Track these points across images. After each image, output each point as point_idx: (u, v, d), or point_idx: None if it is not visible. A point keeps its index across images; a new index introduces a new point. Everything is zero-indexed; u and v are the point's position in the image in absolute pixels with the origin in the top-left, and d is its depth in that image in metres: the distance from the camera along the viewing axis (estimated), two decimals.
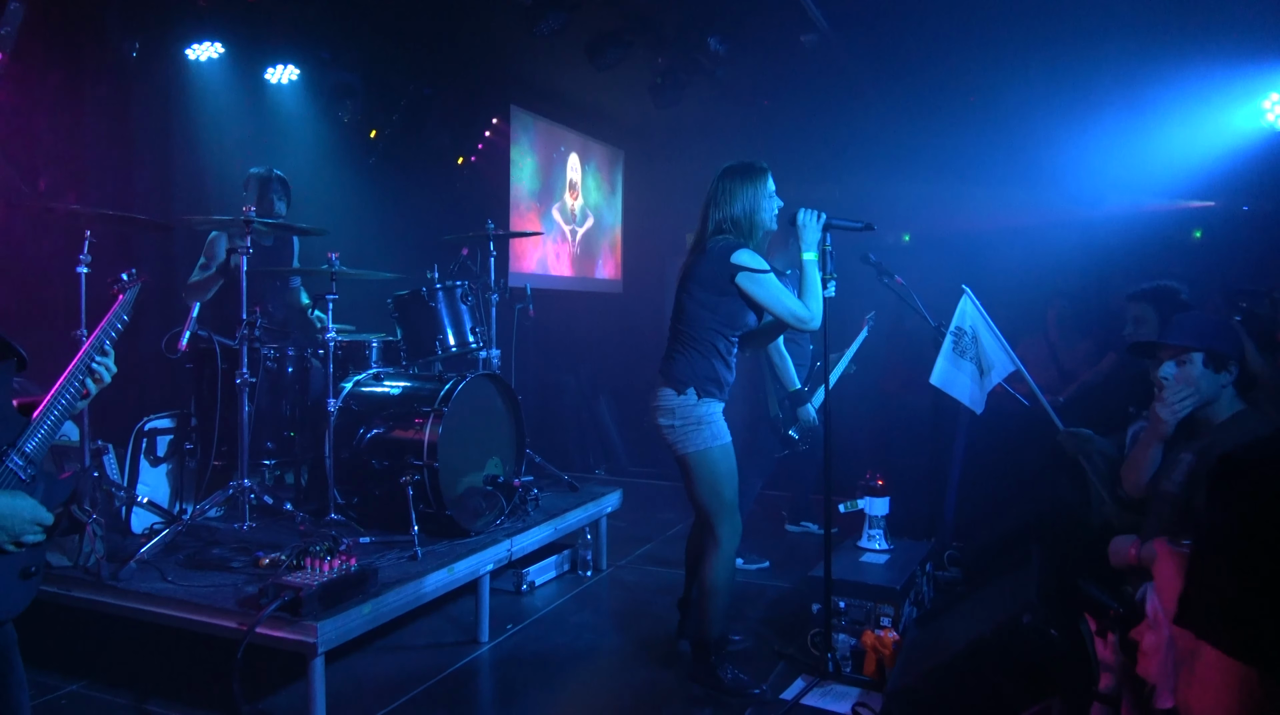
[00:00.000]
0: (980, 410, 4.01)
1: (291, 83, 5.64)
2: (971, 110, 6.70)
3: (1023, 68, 6.04)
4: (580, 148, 7.89)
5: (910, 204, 7.55)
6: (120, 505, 3.77)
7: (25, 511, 1.80)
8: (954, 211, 7.37)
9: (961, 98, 6.64)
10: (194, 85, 5.12)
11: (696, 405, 3.21)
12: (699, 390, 3.22)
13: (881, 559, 3.91)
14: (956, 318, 4.10)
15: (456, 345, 4.29)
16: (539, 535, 4.22)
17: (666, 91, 6.16)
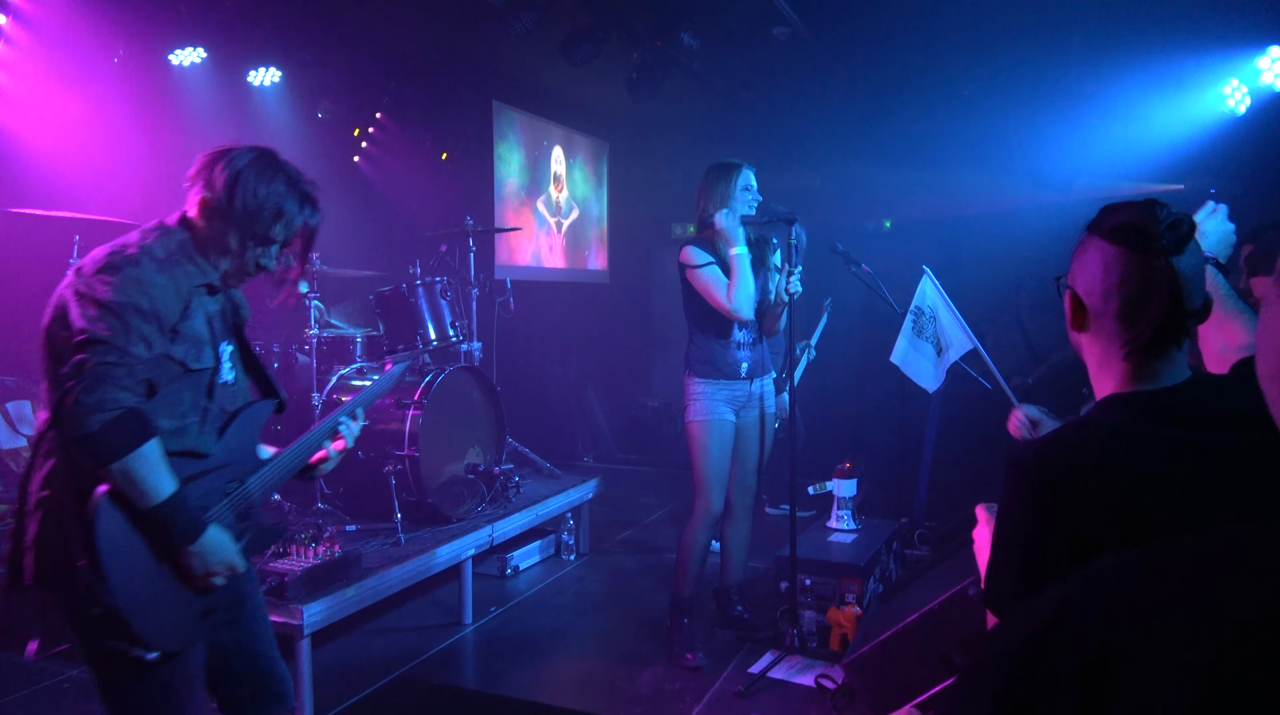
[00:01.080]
0: (934, 388, 4.16)
1: (274, 84, 5.76)
2: (944, 98, 6.82)
3: (991, 55, 6.17)
4: (564, 141, 8.02)
5: (889, 190, 7.69)
6: None
7: (221, 552, 1.82)
8: (931, 197, 7.51)
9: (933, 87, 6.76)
10: (178, 90, 5.24)
11: (691, 383, 3.58)
12: (692, 370, 3.57)
13: (849, 539, 4.06)
14: (916, 298, 4.23)
15: (437, 339, 4.44)
16: (519, 521, 4.38)
17: (643, 86, 6.27)
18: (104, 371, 1.63)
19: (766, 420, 3.72)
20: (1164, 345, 1.32)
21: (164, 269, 1.77)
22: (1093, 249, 1.36)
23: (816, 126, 7.58)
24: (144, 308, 1.70)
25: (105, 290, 1.68)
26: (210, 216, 1.88)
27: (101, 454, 1.63)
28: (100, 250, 1.77)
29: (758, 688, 3.30)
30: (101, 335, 1.64)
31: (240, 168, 1.87)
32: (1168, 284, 1.28)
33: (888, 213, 8.03)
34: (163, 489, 1.71)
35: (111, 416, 1.62)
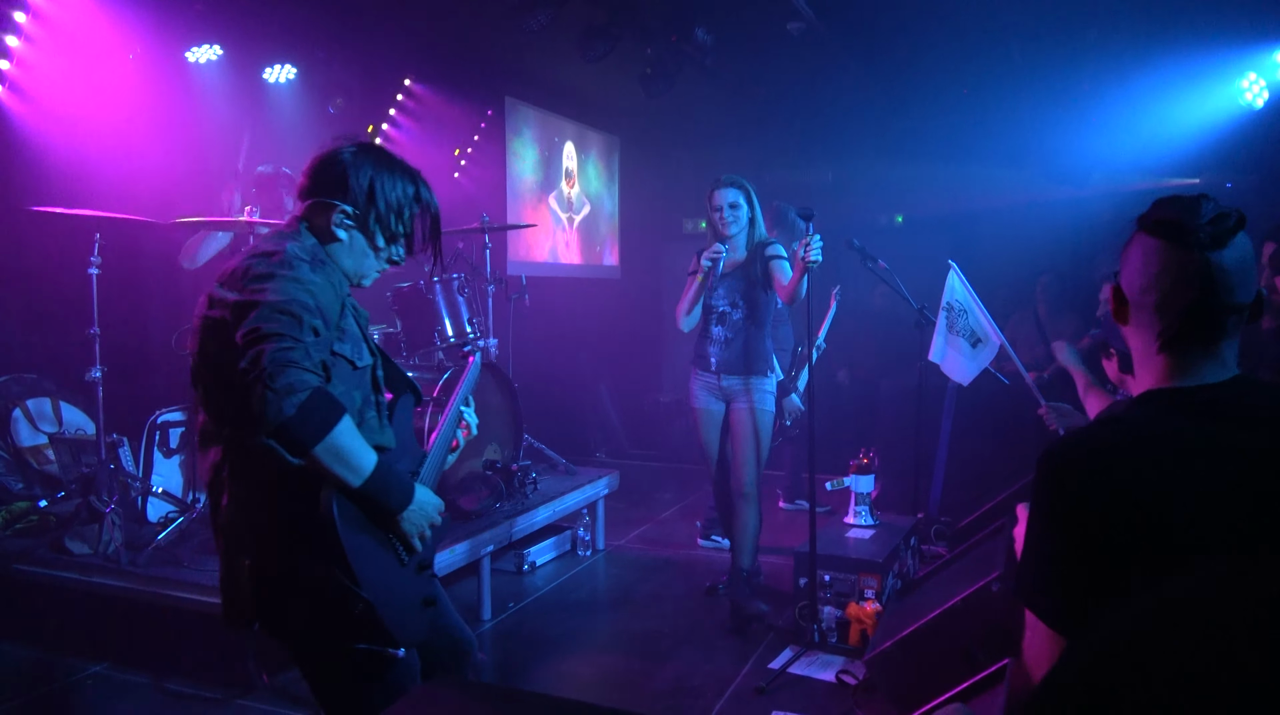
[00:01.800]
0: (969, 381, 4.14)
1: (290, 81, 5.76)
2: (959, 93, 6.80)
3: (1005, 50, 6.14)
4: (576, 136, 8.01)
5: (901, 186, 7.67)
6: (136, 495, 3.94)
7: (430, 505, 1.90)
8: (945, 193, 7.49)
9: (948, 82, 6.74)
10: (194, 87, 5.25)
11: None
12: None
13: (866, 534, 4.06)
14: (946, 293, 4.22)
15: (455, 336, 4.45)
16: (537, 517, 4.39)
17: (656, 81, 6.26)
18: (283, 357, 1.63)
19: (747, 416, 3.87)
20: (1199, 340, 1.32)
21: (317, 270, 1.80)
22: (1136, 242, 1.36)
23: (829, 122, 7.56)
24: (309, 303, 1.72)
25: (267, 293, 1.70)
26: (350, 226, 1.90)
27: (306, 436, 1.63)
28: (236, 265, 1.79)
29: (778, 684, 3.30)
30: (272, 328, 1.66)
31: (371, 174, 1.89)
32: (1200, 277, 1.28)
33: (901, 208, 8.01)
34: (369, 459, 1.74)
35: (303, 397, 1.62)
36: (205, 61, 5.24)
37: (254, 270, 1.75)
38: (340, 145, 1.93)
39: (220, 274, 1.82)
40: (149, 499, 3.96)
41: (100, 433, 3.71)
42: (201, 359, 1.81)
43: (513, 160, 7.06)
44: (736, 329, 3.88)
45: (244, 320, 1.68)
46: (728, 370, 3.90)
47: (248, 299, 1.71)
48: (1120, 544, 1.18)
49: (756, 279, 3.85)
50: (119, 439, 3.92)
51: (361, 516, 1.78)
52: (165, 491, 3.98)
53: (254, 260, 1.78)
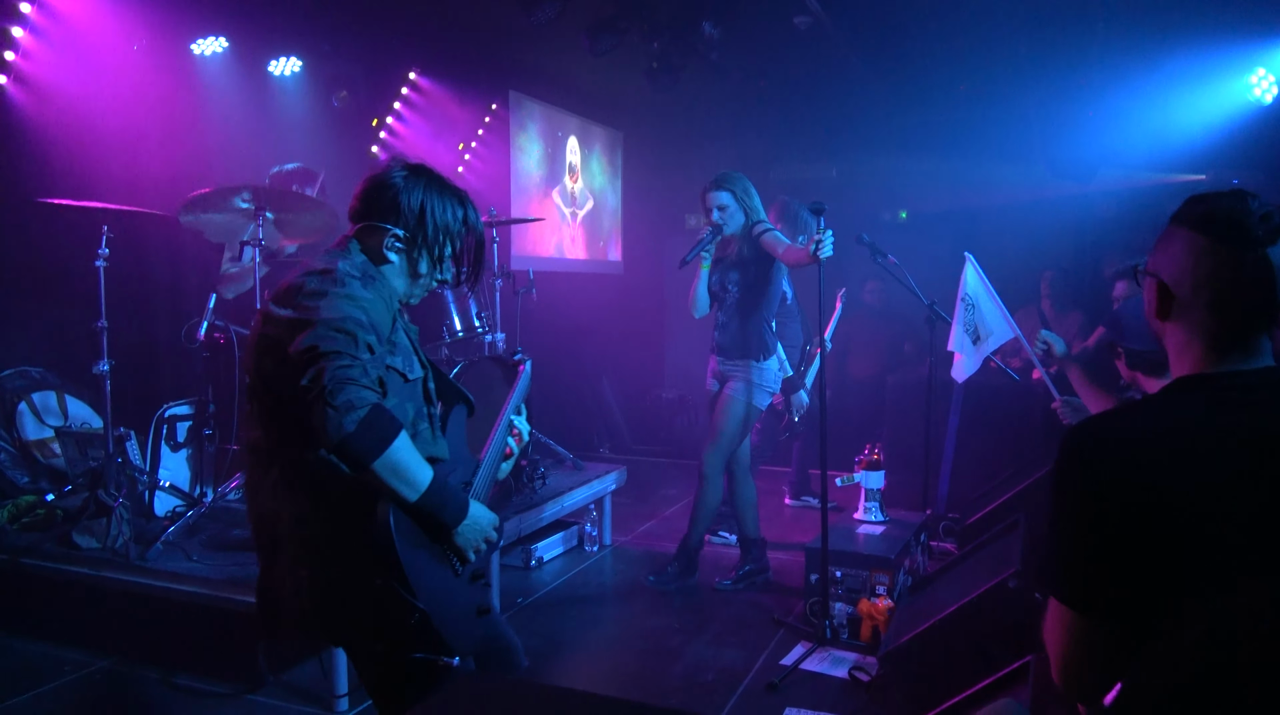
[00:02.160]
0: (963, 379, 4.13)
1: (294, 74, 5.73)
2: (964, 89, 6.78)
3: (1011, 45, 6.12)
4: (580, 131, 7.98)
5: (906, 182, 7.65)
6: (143, 489, 3.91)
7: (485, 520, 1.92)
8: (950, 188, 7.47)
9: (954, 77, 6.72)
10: (200, 79, 5.22)
11: None
12: None
13: (877, 530, 4.05)
14: (962, 286, 4.17)
15: (463, 330, 4.42)
16: (546, 513, 4.37)
17: (663, 75, 6.23)
18: (342, 374, 1.67)
19: (724, 398, 4.08)
20: (1250, 335, 1.31)
21: (368, 286, 1.85)
22: (1180, 240, 1.34)
23: (834, 117, 7.54)
24: (362, 320, 1.77)
25: (321, 310, 1.74)
26: (400, 249, 1.95)
27: (365, 452, 1.67)
28: (290, 282, 1.83)
29: (790, 680, 3.29)
30: (330, 347, 1.70)
31: (422, 198, 1.94)
32: (1263, 276, 1.26)
33: (905, 204, 7.99)
34: (425, 475, 1.76)
35: (363, 413, 1.65)
36: (211, 54, 5.20)
37: (307, 287, 1.80)
38: (392, 167, 1.98)
39: (274, 291, 1.86)
40: (156, 493, 3.93)
41: (108, 426, 3.69)
42: (258, 375, 1.84)
43: (518, 155, 7.03)
44: (730, 312, 4.07)
45: (300, 337, 1.72)
46: (723, 353, 4.12)
47: (302, 317, 1.74)
48: (1149, 532, 1.17)
49: (746, 260, 3.98)
50: (126, 433, 3.90)
51: (417, 530, 1.81)
52: (173, 485, 3.96)
53: (307, 278, 1.82)
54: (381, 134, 6.48)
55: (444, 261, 1.99)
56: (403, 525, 1.76)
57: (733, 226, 3.99)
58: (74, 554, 3.50)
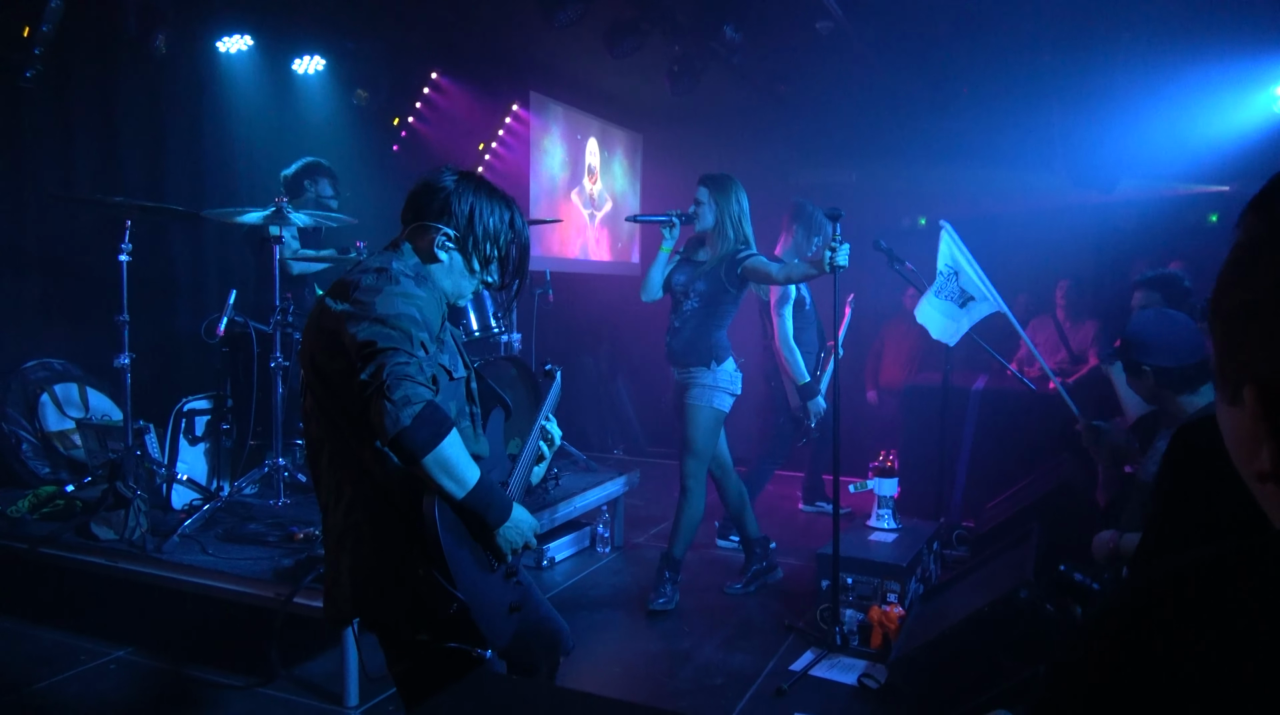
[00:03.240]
0: (954, 342, 4.14)
1: (318, 73, 5.77)
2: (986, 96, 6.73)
3: (1035, 53, 6.08)
4: (599, 133, 7.99)
5: (926, 188, 7.60)
6: (161, 482, 3.95)
7: (526, 524, 1.98)
8: (970, 195, 7.42)
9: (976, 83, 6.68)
10: (224, 77, 5.26)
11: None
12: None
13: (889, 537, 4.03)
14: (940, 257, 4.21)
15: (480, 329, 4.44)
16: (559, 513, 4.38)
17: (683, 79, 6.24)
18: (400, 370, 1.72)
19: (686, 408, 4.02)
20: None
21: (421, 285, 1.91)
22: None
23: (855, 122, 7.51)
24: (417, 317, 1.82)
25: (377, 306, 1.80)
26: (450, 248, 2.02)
27: (419, 446, 1.72)
28: (345, 278, 1.90)
29: (800, 686, 3.28)
30: (388, 343, 1.75)
31: (471, 201, 2.01)
32: None
33: (924, 210, 7.94)
34: (473, 473, 1.82)
35: (419, 409, 1.71)
36: (236, 51, 5.25)
37: (364, 283, 1.85)
38: (442, 172, 2.05)
39: (331, 287, 1.92)
40: (174, 486, 3.97)
41: (127, 419, 3.73)
42: (313, 369, 1.90)
43: (540, 156, 7.06)
44: (685, 319, 4.02)
45: (357, 332, 1.78)
46: (674, 360, 4.08)
47: (358, 312, 1.81)
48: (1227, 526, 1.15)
49: (723, 284, 3.90)
50: (145, 426, 3.94)
51: (460, 524, 1.86)
52: (190, 479, 4.00)
53: (362, 275, 1.88)
54: (402, 133, 6.51)
55: (491, 263, 2.05)
56: (447, 518, 1.81)
57: (701, 224, 3.97)
58: (92, 544, 3.54)
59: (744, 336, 6.18)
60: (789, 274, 3.75)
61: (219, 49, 5.21)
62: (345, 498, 1.88)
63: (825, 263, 3.40)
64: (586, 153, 7.82)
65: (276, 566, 3.28)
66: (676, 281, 4.04)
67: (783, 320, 4.82)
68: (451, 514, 1.83)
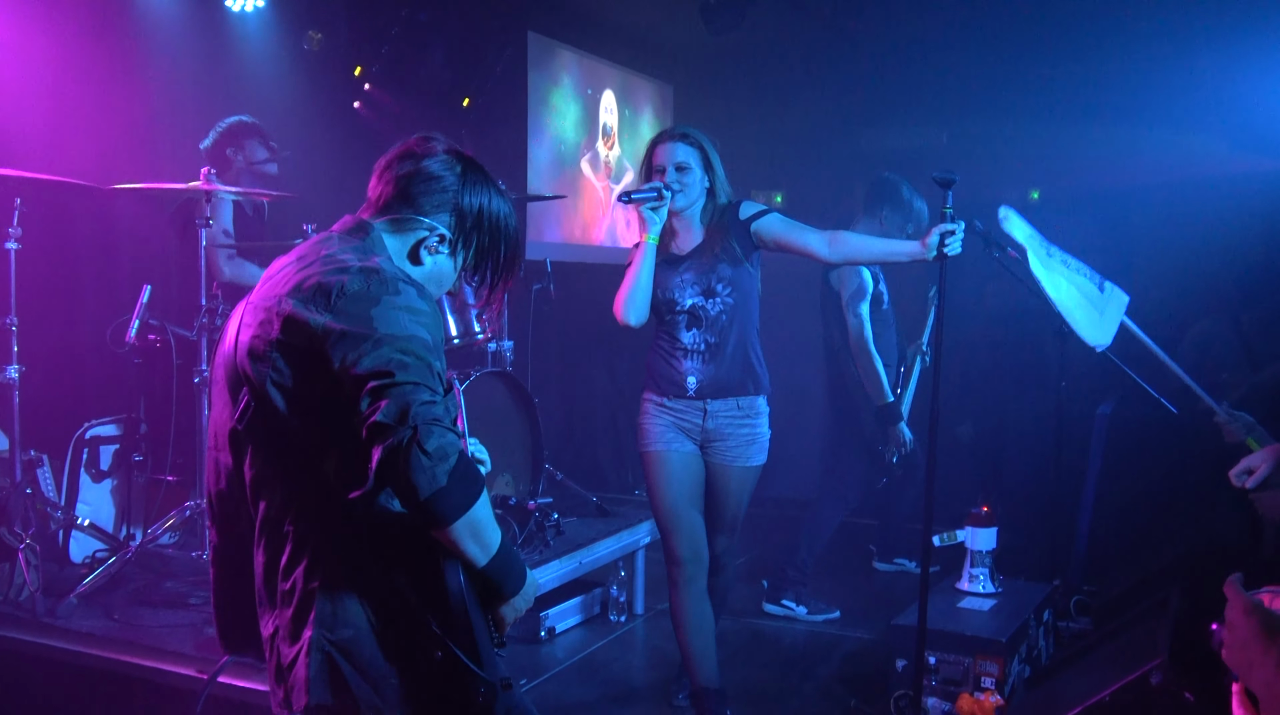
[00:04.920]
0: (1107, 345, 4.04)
1: (257, 10, 5.85)
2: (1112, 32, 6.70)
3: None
4: (618, 84, 8.04)
5: (1038, 153, 7.56)
6: (57, 528, 4.02)
7: (534, 589, 2.04)
8: (1096, 163, 7.37)
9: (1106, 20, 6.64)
10: (140, 18, 5.35)
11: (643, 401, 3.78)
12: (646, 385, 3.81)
13: (985, 605, 4.02)
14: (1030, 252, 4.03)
15: (459, 335, 4.48)
16: (559, 570, 4.41)
17: (723, 13, 6.27)
18: (428, 412, 1.72)
19: (743, 461, 3.63)
20: None
21: (422, 294, 1.92)
22: None
23: (945, 68, 7.49)
24: (428, 340, 1.83)
25: (379, 322, 1.79)
26: (442, 252, 2.05)
27: (453, 509, 1.74)
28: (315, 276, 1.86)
29: None
30: (407, 376, 1.75)
31: (481, 200, 2.06)
32: None
33: (1036, 181, 7.91)
34: (497, 535, 1.86)
35: (454, 463, 1.72)
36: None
37: (350, 287, 1.83)
38: (436, 151, 2.06)
39: (281, 288, 1.88)
40: (73, 533, 4.04)
41: (15, 448, 3.79)
42: (263, 397, 1.87)
43: (540, 114, 7.11)
44: (722, 330, 3.55)
45: (360, 358, 1.76)
46: (719, 391, 3.56)
47: (354, 331, 1.78)
48: None
49: (737, 255, 3.56)
50: (38, 457, 4.01)
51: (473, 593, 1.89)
52: (93, 525, 4.06)
53: (344, 276, 1.85)
54: (365, 85, 6.59)
55: (480, 267, 2.11)
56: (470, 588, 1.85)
57: (686, 199, 3.56)
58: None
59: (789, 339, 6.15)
60: (890, 250, 3.67)
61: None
62: (304, 557, 1.87)
63: (932, 247, 3.31)
64: (601, 109, 7.87)
65: (199, 635, 3.33)
66: (680, 283, 3.59)
67: (861, 321, 4.80)
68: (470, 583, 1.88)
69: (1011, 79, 7.29)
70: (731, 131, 8.61)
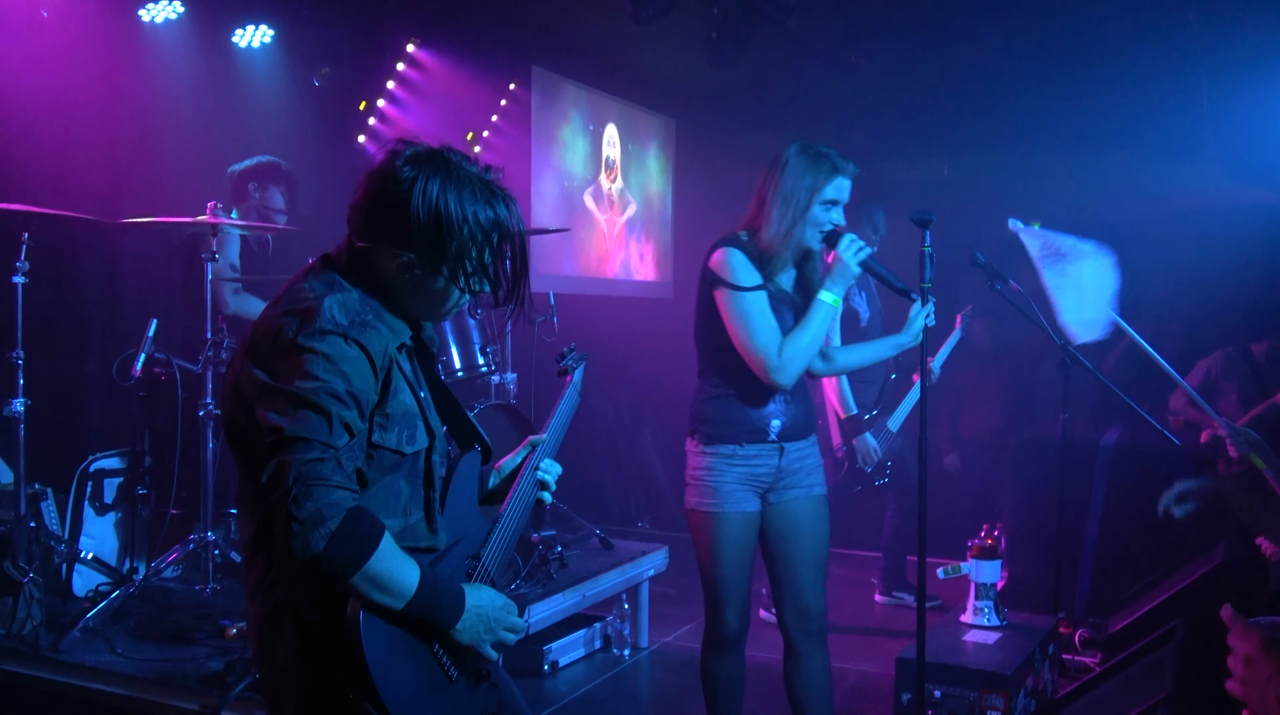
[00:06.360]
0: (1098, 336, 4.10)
1: (264, 45, 5.90)
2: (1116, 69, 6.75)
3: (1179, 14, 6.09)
4: (620, 118, 8.10)
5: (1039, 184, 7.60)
6: (61, 562, 4.01)
7: (491, 607, 1.97)
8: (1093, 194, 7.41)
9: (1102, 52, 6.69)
10: (148, 52, 5.40)
11: (694, 450, 3.27)
12: (698, 430, 3.27)
13: (990, 638, 4.00)
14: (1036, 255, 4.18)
15: (463, 368, 4.49)
16: (562, 604, 4.39)
17: (725, 48, 6.32)
18: (309, 472, 1.71)
19: (817, 503, 3.36)
20: None
21: (352, 339, 1.83)
22: None
23: (946, 102, 7.55)
24: (339, 391, 1.78)
25: (293, 378, 1.77)
26: (417, 274, 1.94)
27: (338, 570, 1.72)
28: (269, 321, 1.87)
29: None
30: (298, 432, 1.73)
31: (436, 201, 1.89)
32: None
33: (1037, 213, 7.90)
34: (411, 578, 1.82)
35: (334, 526, 1.69)
36: (163, 21, 5.39)
37: (283, 337, 1.81)
38: (395, 162, 1.93)
39: (258, 325, 1.90)
40: (76, 567, 4.03)
41: (20, 482, 3.79)
42: (232, 437, 1.92)
43: (545, 148, 7.16)
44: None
45: (266, 409, 1.77)
46: (795, 434, 3.30)
47: (272, 382, 1.79)
48: None
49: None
50: (42, 490, 4.01)
51: (401, 630, 1.85)
52: (96, 558, 4.05)
53: (286, 320, 1.84)
54: (370, 120, 6.64)
55: (478, 273, 1.96)
56: (378, 630, 1.80)
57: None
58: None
59: None
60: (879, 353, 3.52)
61: (142, 18, 5.35)
62: (264, 587, 1.90)
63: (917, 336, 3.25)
64: (604, 142, 7.92)
65: (202, 669, 3.32)
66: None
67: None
68: (385, 620, 1.82)
69: (1012, 112, 7.34)
70: (733, 165, 8.65)
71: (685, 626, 5.38)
